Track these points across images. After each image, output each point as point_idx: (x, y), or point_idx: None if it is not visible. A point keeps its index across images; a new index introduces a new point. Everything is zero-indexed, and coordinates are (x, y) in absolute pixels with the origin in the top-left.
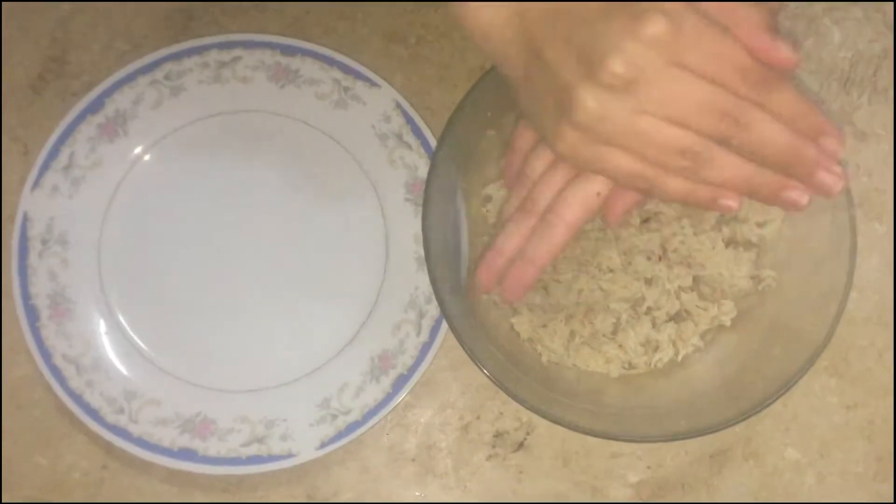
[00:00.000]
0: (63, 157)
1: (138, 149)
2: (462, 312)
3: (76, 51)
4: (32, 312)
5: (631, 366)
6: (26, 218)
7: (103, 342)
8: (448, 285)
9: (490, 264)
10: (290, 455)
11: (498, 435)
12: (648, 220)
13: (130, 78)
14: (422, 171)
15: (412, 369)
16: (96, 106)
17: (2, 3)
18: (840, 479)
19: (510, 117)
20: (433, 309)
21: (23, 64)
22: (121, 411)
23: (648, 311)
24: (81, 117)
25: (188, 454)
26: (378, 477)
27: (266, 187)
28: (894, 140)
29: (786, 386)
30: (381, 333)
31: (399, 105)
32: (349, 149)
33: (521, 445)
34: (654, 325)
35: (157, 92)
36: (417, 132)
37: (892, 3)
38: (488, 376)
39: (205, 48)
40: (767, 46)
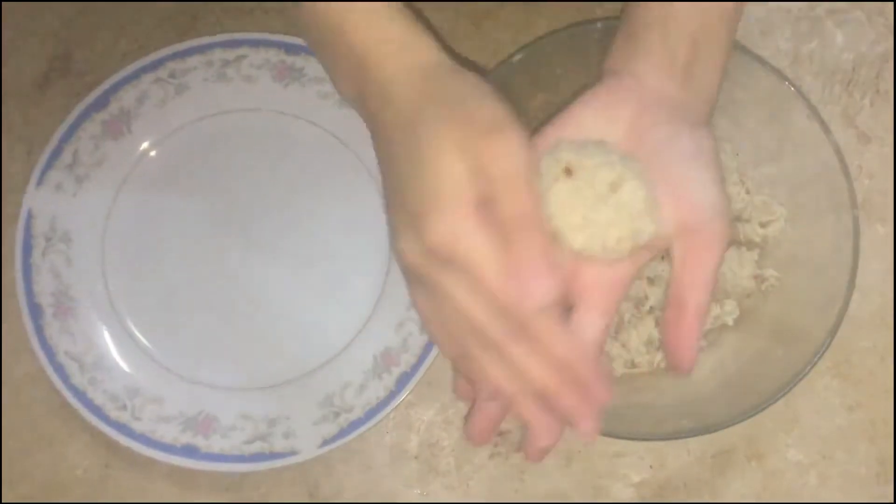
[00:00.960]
0: (67, 155)
1: (142, 147)
2: None
3: (81, 50)
4: (36, 310)
5: (633, 365)
6: (31, 215)
7: (106, 340)
8: None
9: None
10: (293, 453)
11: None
12: None
13: (135, 76)
14: None
15: (415, 367)
16: (101, 104)
17: (7, 2)
18: (842, 481)
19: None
20: None
21: (28, 62)
22: (123, 408)
23: (651, 311)
24: (86, 115)
25: (191, 451)
26: (380, 475)
27: (270, 186)
28: (894, 142)
29: (788, 386)
30: (384, 331)
31: None
32: (353, 147)
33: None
34: (657, 325)
35: (162, 90)
36: None
37: (893, 5)
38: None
39: (209, 47)
40: (681, 352)
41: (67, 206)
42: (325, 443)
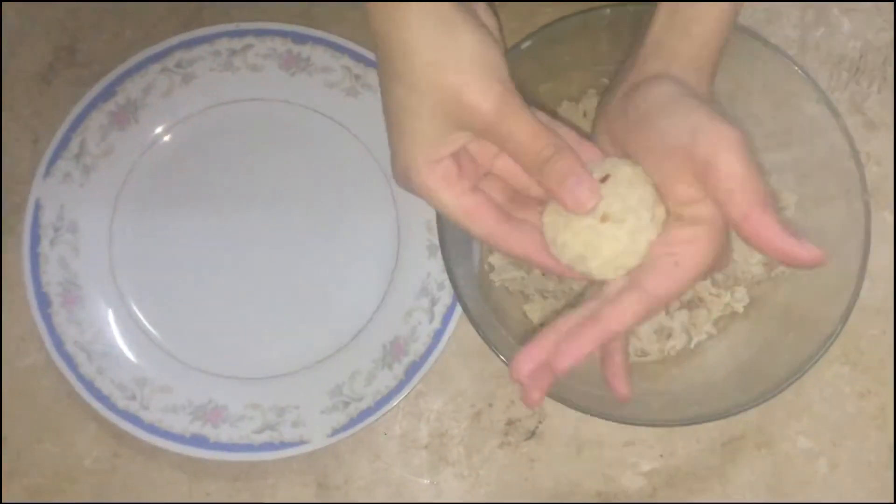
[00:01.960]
0: (74, 146)
1: (149, 137)
2: (476, 299)
3: (86, 40)
4: (44, 299)
5: (644, 353)
6: (38, 205)
7: (114, 329)
8: (462, 271)
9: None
10: (302, 442)
11: (510, 423)
12: None
13: (141, 66)
14: None
15: (424, 356)
16: (107, 94)
17: None
18: (852, 468)
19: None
20: (445, 296)
21: (33, 53)
22: (132, 398)
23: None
24: (93, 105)
25: (200, 440)
26: (390, 464)
27: (277, 175)
28: (894, 131)
29: (798, 373)
30: (393, 320)
31: None
32: (360, 136)
33: (534, 433)
34: (667, 313)
35: (168, 80)
36: None
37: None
38: (503, 360)
39: (216, 36)
40: (796, 250)
41: (75, 196)
42: (335, 432)
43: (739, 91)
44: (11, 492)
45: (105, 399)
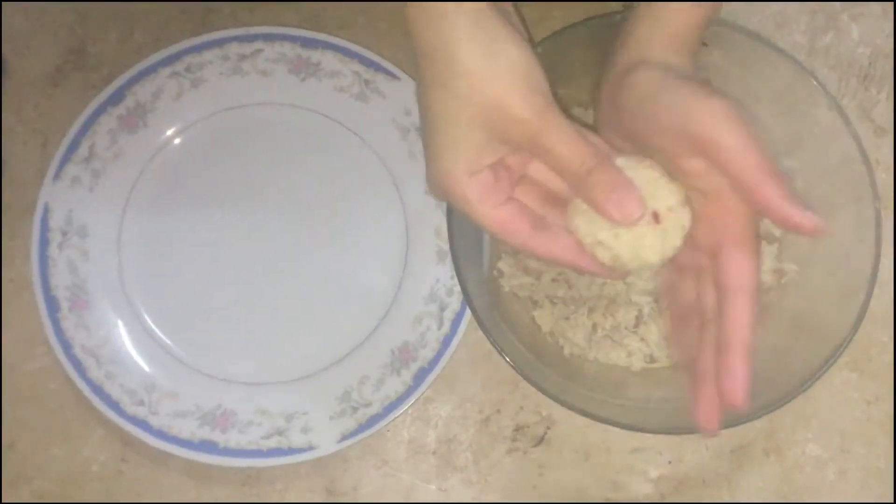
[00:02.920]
0: (83, 149)
1: (159, 141)
2: (485, 305)
3: (95, 43)
4: (52, 303)
5: (653, 359)
6: (47, 209)
7: (123, 334)
8: (472, 277)
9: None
10: (311, 448)
11: (518, 429)
12: None
13: (151, 70)
14: None
15: (433, 362)
16: (117, 98)
17: None
18: (861, 475)
19: None
20: (454, 302)
21: (42, 56)
22: (141, 403)
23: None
24: (102, 109)
25: (208, 446)
26: (398, 470)
27: (286, 180)
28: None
29: (808, 381)
30: (402, 326)
31: None
32: (369, 142)
33: (542, 439)
34: None
35: (178, 84)
36: None
37: (893, 4)
38: (513, 366)
39: (225, 40)
40: (796, 218)
41: (84, 200)
42: (344, 438)
43: (748, 96)
44: (18, 496)
45: (113, 404)
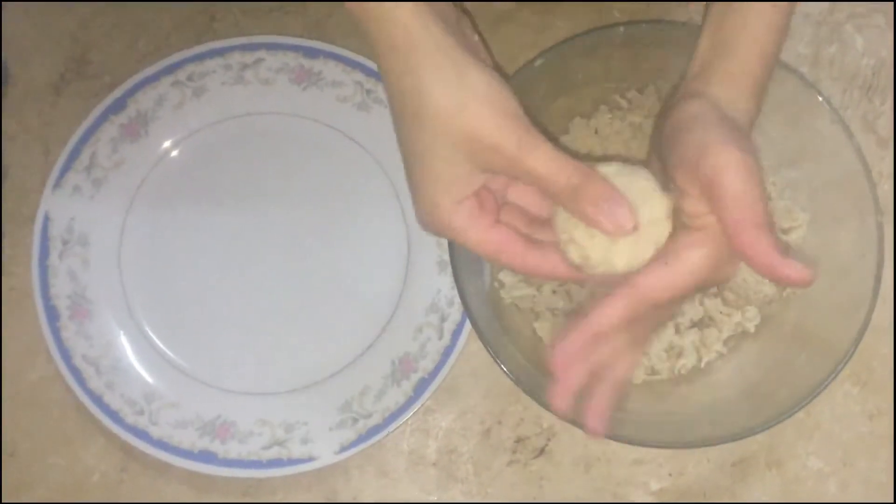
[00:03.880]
0: (85, 158)
1: (160, 149)
2: (486, 316)
3: (98, 51)
4: (52, 312)
5: (654, 372)
6: (47, 218)
7: (123, 343)
8: (472, 288)
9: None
10: (311, 458)
11: (519, 440)
12: None
13: (153, 79)
14: None
15: (434, 373)
16: (118, 106)
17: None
18: (863, 488)
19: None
20: (455, 312)
21: (44, 64)
22: (141, 413)
23: (672, 317)
24: (104, 117)
25: (208, 456)
26: (398, 481)
27: (288, 190)
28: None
29: (810, 395)
30: (403, 337)
31: None
32: (371, 151)
33: (542, 451)
34: (678, 331)
35: (180, 93)
36: None
37: (894, 5)
38: (512, 378)
39: (227, 50)
40: (781, 269)
41: (85, 209)
42: (344, 449)
43: None
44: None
45: (113, 414)
